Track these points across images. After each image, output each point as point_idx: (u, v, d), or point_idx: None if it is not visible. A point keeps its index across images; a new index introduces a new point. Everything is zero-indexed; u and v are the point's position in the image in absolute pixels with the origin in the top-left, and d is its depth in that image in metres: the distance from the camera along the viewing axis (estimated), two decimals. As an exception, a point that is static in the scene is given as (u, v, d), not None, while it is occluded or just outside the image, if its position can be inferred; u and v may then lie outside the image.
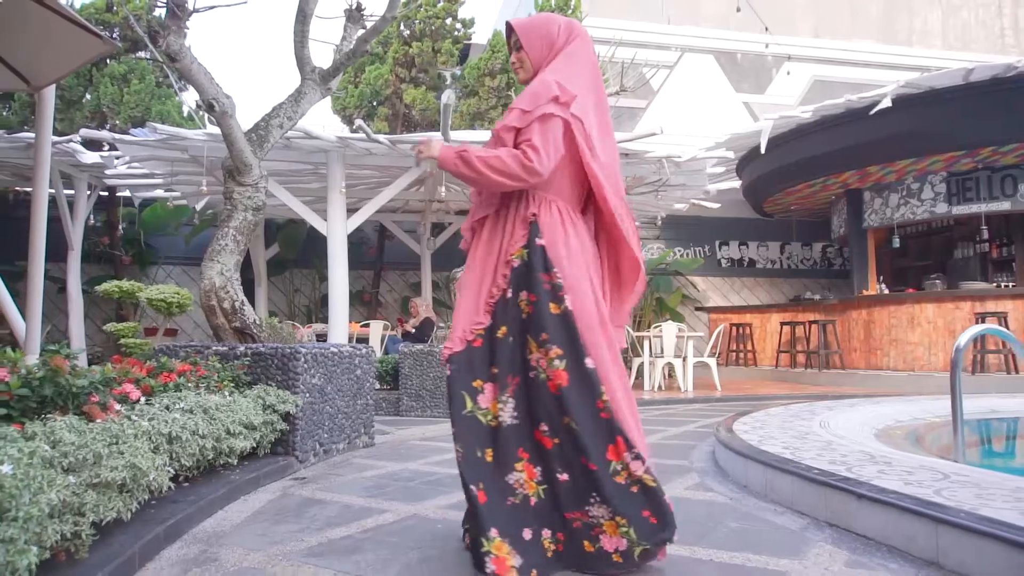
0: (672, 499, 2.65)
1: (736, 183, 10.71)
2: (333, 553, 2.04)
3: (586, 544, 1.79)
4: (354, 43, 4.57)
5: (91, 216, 9.52)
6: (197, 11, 3.35)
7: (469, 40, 10.91)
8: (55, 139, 7.33)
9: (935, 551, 1.80)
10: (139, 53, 9.85)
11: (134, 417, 2.23)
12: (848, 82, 13.29)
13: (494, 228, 2.00)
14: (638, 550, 1.76)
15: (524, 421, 1.84)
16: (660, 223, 11.41)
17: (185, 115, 10.20)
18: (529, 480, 1.82)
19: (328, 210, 7.38)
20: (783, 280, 13.51)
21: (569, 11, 10.24)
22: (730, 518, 2.38)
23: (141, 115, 9.35)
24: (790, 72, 13.70)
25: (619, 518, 1.76)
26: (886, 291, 10.14)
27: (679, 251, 12.96)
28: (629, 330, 8.49)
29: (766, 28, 12.52)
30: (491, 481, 1.79)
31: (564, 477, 1.78)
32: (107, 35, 9.28)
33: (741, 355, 11.48)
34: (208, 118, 6.69)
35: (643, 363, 8.50)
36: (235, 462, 2.92)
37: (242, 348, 3.56)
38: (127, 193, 9.83)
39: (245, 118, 4.03)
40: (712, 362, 8.80)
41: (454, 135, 6.78)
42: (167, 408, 2.47)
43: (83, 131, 7.66)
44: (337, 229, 7.33)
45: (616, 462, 1.78)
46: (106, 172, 8.60)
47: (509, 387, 1.85)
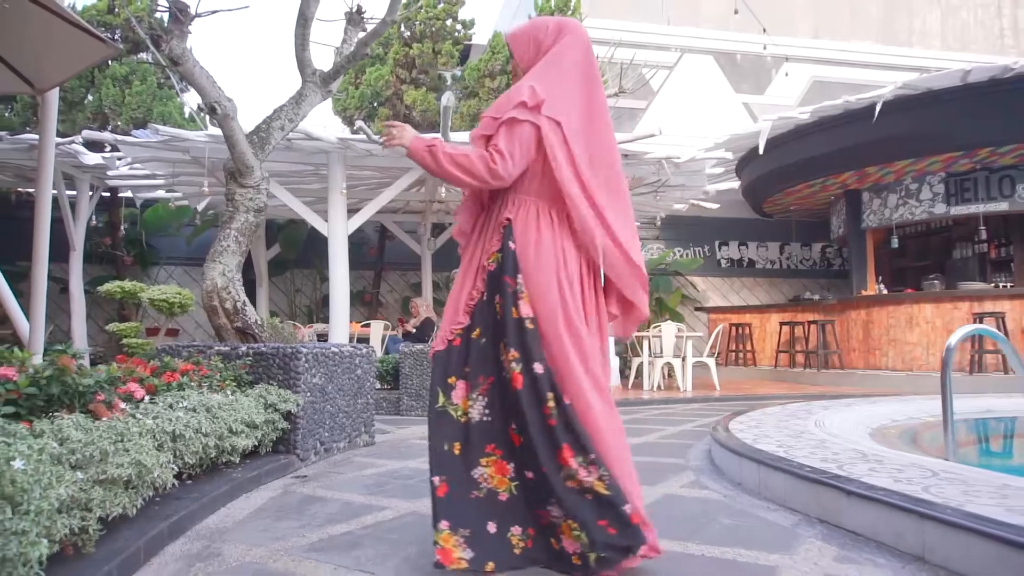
0: (667, 496, 2.73)
1: (735, 183, 10.75)
2: (333, 548, 2.09)
3: (552, 542, 1.82)
4: (354, 46, 4.62)
5: (93, 217, 9.56)
6: (199, 15, 3.40)
7: (469, 41, 10.95)
8: (57, 140, 7.37)
9: (921, 546, 1.84)
10: (140, 55, 9.89)
11: (139, 415, 2.27)
12: (847, 83, 13.31)
13: (480, 232, 2.07)
14: (592, 556, 1.75)
15: (498, 419, 1.89)
16: (659, 223, 11.44)
17: (186, 116, 10.23)
18: (499, 476, 1.87)
19: (329, 211, 7.42)
20: (782, 280, 13.54)
21: (569, 12, 10.28)
22: (723, 515, 2.43)
23: (143, 116, 9.40)
24: (788, 73, 13.74)
25: (571, 522, 1.78)
26: (885, 291, 10.17)
27: (679, 251, 12.99)
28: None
29: (764, 29, 12.56)
30: (455, 474, 1.86)
31: (530, 475, 1.83)
32: (109, 37, 9.34)
33: (740, 355, 11.52)
34: (209, 119, 6.73)
35: (642, 363, 8.54)
36: (237, 460, 2.97)
37: (244, 348, 3.61)
38: (129, 194, 9.87)
39: (247, 120, 4.07)
40: (711, 362, 8.84)
41: (454, 136, 6.82)
42: (171, 407, 2.51)
43: (85, 132, 7.70)
44: (338, 229, 7.38)
45: (566, 468, 1.79)
46: (108, 173, 8.64)
47: (481, 386, 1.91)
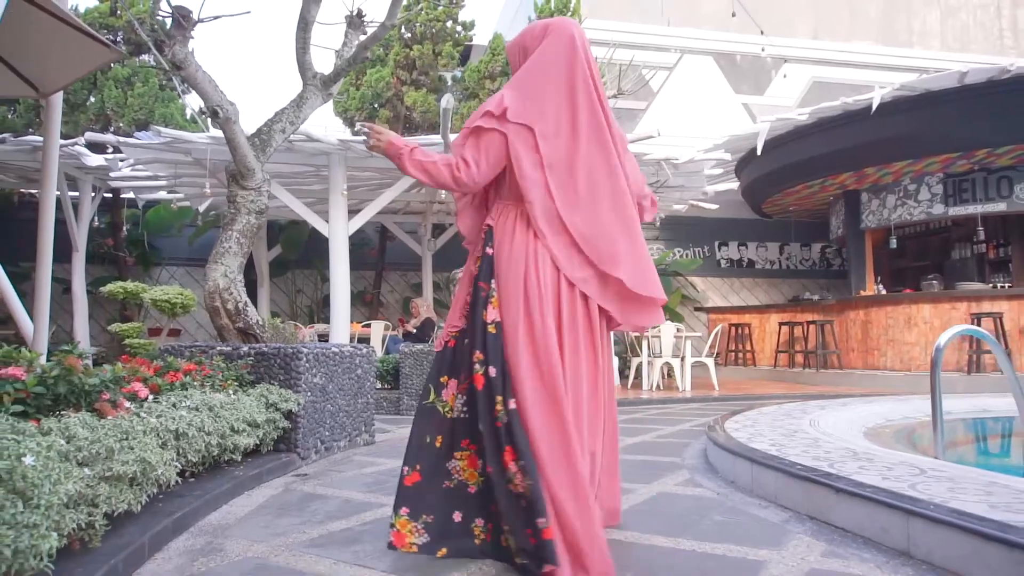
0: (661, 494, 2.77)
1: (734, 184, 10.78)
2: (333, 544, 2.14)
3: (502, 538, 1.88)
4: (354, 49, 4.67)
5: (95, 218, 9.61)
6: (202, 21, 3.45)
7: (470, 42, 11.01)
8: (60, 142, 7.42)
9: (906, 541, 1.89)
10: (143, 56, 9.95)
11: (143, 414, 2.32)
12: (847, 83, 13.34)
13: (477, 236, 2.17)
14: (518, 561, 1.81)
15: (473, 415, 1.97)
16: (659, 224, 11.49)
17: (188, 118, 10.29)
18: (470, 469, 1.96)
19: (330, 211, 7.47)
20: (782, 280, 13.58)
21: (568, 13, 10.33)
22: (716, 512, 2.47)
23: (145, 118, 9.46)
24: (786, 75, 13.77)
25: (504, 523, 1.83)
26: (883, 292, 10.21)
27: (678, 252, 13.03)
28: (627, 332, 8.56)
29: (762, 32, 12.61)
30: (432, 465, 1.97)
31: (490, 469, 1.89)
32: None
33: (740, 355, 11.55)
34: (210, 121, 6.79)
35: (641, 363, 8.58)
36: (239, 458, 3.02)
37: (245, 348, 3.66)
38: (131, 195, 9.92)
39: (248, 122, 4.12)
40: (710, 362, 8.88)
41: (453, 138, 6.87)
42: (174, 406, 2.56)
43: (88, 134, 7.76)
44: (339, 230, 7.43)
45: (507, 470, 1.84)
46: (110, 174, 8.69)
47: (464, 383, 2.01)
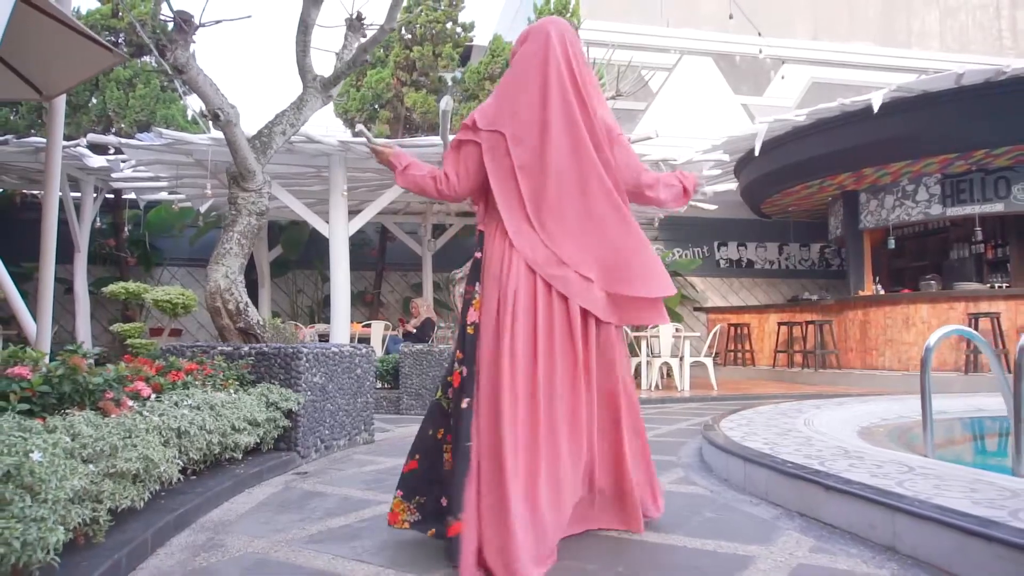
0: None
1: (733, 185, 10.82)
2: (332, 540, 2.18)
3: None
4: (354, 52, 4.71)
5: (97, 218, 9.68)
6: (203, 25, 3.50)
7: (470, 43, 11.05)
8: (63, 143, 7.48)
9: (892, 537, 1.93)
10: (144, 58, 10.01)
11: (145, 413, 2.37)
12: (846, 84, 13.38)
13: None
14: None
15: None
16: (658, 224, 11.53)
17: (189, 119, 10.34)
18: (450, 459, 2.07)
19: (330, 212, 7.52)
20: (781, 280, 13.62)
21: (568, 14, 10.37)
22: (708, 509, 2.51)
23: (146, 119, 9.52)
24: (784, 76, 13.81)
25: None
26: (882, 292, 10.24)
27: (678, 252, 13.08)
28: (627, 330, 8.60)
29: (759, 33, 12.65)
30: (429, 454, 2.06)
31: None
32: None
33: (739, 355, 11.59)
34: (211, 124, 6.84)
35: (640, 363, 8.62)
36: (240, 457, 3.06)
37: (246, 348, 3.70)
38: (132, 196, 9.98)
39: (249, 124, 4.17)
40: (708, 362, 8.92)
41: (453, 139, 6.91)
42: (176, 405, 2.61)
43: (90, 136, 7.82)
44: (339, 231, 7.47)
45: (448, 464, 1.96)
46: (112, 175, 8.76)
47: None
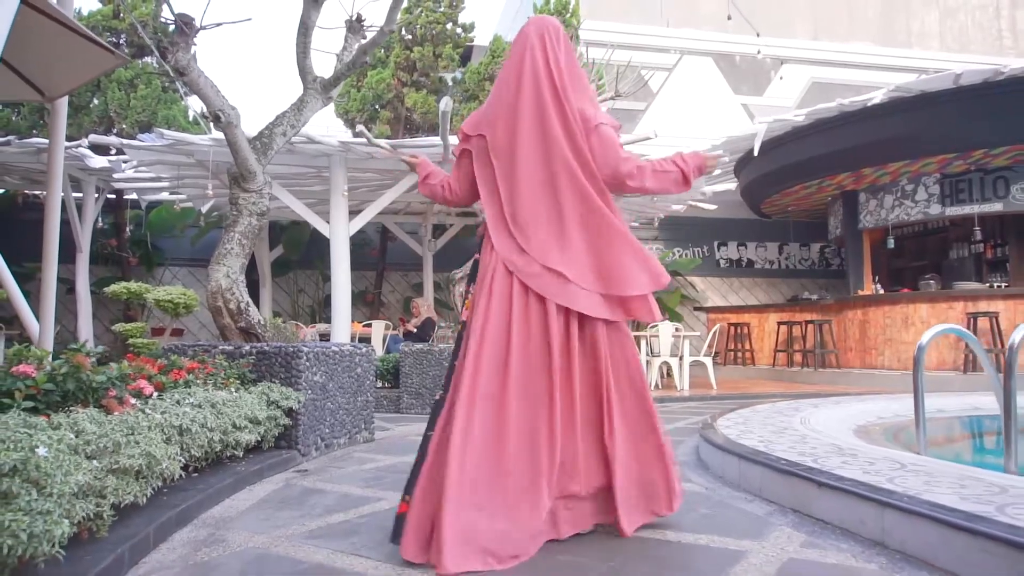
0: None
1: (732, 185, 10.85)
2: (331, 535, 2.21)
3: None
4: (354, 53, 4.75)
5: (99, 219, 9.71)
6: (204, 28, 3.53)
7: (470, 43, 11.09)
8: (65, 144, 7.53)
9: (881, 532, 1.96)
10: (146, 59, 10.05)
11: (148, 411, 2.40)
12: (846, 84, 13.41)
13: None
14: None
15: None
16: (657, 224, 11.56)
17: (190, 119, 10.38)
18: None
19: (331, 212, 7.55)
20: (781, 280, 13.64)
21: (568, 15, 10.41)
22: (703, 505, 2.54)
23: (148, 120, 9.56)
24: (783, 76, 13.84)
25: None
26: (881, 291, 10.27)
27: (678, 251, 13.10)
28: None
29: (758, 34, 12.68)
30: (424, 452, 2.18)
31: None
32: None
33: (739, 354, 11.62)
34: (213, 126, 6.88)
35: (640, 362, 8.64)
36: (241, 454, 3.10)
37: (247, 347, 3.74)
38: (134, 196, 10.02)
39: (250, 125, 4.20)
40: (708, 361, 8.94)
41: (453, 139, 6.95)
42: (178, 403, 2.64)
43: (92, 136, 7.85)
44: (340, 231, 7.50)
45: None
46: (114, 176, 8.79)
47: None
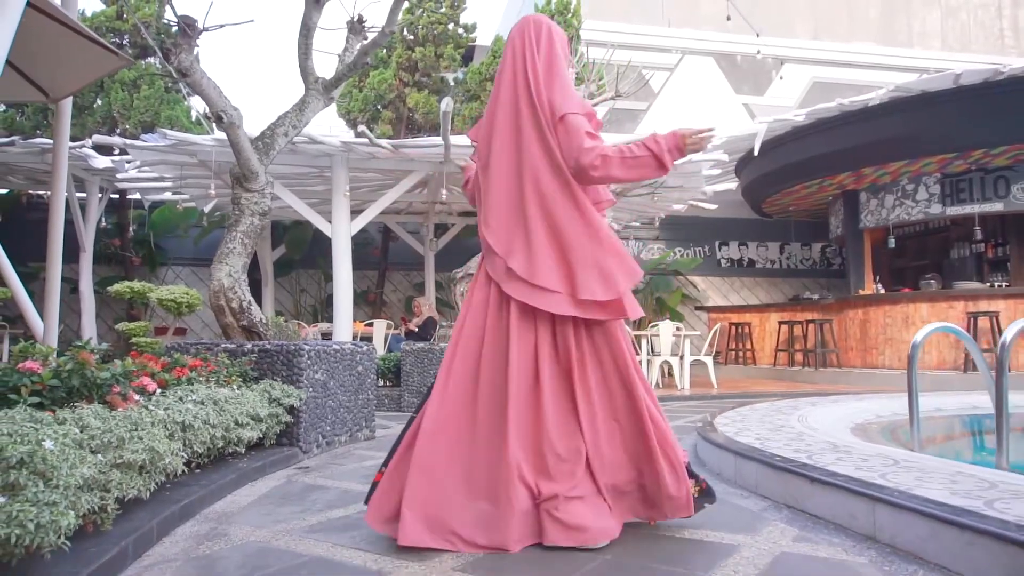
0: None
1: (733, 184, 10.87)
2: (331, 530, 2.25)
3: None
4: (355, 54, 4.78)
5: (102, 219, 9.76)
6: (207, 30, 3.57)
7: (472, 44, 11.12)
8: (68, 144, 7.58)
9: (872, 526, 1.99)
10: (149, 59, 10.10)
11: (151, 407, 2.44)
12: (847, 84, 13.42)
13: None
14: None
15: None
16: (658, 224, 11.58)
17: (193, 120, 10.43)
18: None
19: (333, 212, 7.58)
20: (782, 280, 13.66)
21: (569, 15, 10.44)
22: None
23: (151, 120, 9.61)
24: (783, 76, 13.85)
25: None
26: (882, 291, 10.28)
27: (679, 251, 13.13)
28: (627, 329, 8.67)
29: (758, 34, 12.69)
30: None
31: None
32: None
33: (740, 354, 11.64)
34: (216, 126, 6.92)
35: (640, 361, 8.68)
36: (243, 451, 3.13)
37: (249, 345, 3.77)
38: (137, 196, 10.07)
39: (252, 125, 4.24)
40: (708, 360, 8.97)
41: (454, 140, 6.98)
42: (181, 399, 2.68)
43: (95, 137, 7.90)
44: (341, 231, 7.54)
45: None
46: (117, 176, 8.84)
47: None
